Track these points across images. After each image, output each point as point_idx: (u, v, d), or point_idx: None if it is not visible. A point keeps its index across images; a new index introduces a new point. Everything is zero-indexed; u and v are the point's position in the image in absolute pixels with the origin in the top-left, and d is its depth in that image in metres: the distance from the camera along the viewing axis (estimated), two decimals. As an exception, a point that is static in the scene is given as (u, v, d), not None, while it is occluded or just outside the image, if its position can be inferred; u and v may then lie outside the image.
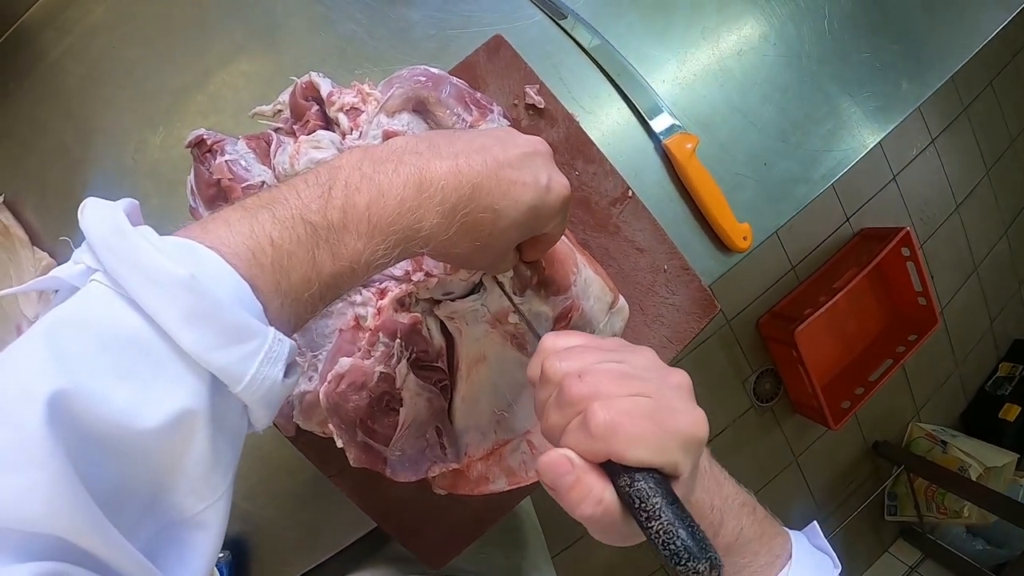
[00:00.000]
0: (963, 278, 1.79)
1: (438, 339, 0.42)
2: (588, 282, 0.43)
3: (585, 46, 0.52)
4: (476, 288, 0.42)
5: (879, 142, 0.57)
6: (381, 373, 0.40)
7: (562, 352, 0.29)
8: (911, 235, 1.49)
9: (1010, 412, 1.63)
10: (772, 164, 0.55)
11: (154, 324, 0.22)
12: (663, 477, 0.24)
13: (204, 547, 0.25)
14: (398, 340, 0.40)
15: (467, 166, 0.29)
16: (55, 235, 0.53)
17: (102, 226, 0.23)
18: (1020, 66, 1.84)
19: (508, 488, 0.45)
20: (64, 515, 0.19)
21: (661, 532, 0.22)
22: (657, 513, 0.23)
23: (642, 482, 0.23)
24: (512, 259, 0.37)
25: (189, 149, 0.45)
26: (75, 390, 0.20)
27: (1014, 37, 1.84)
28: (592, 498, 0.24)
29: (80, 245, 0.24)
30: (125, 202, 0.25)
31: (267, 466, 0.53)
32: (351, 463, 0.42)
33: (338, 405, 0.41)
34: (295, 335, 0.30)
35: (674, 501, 0.23)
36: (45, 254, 0.52)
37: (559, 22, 0.53)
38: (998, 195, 1.82)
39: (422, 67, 0.46)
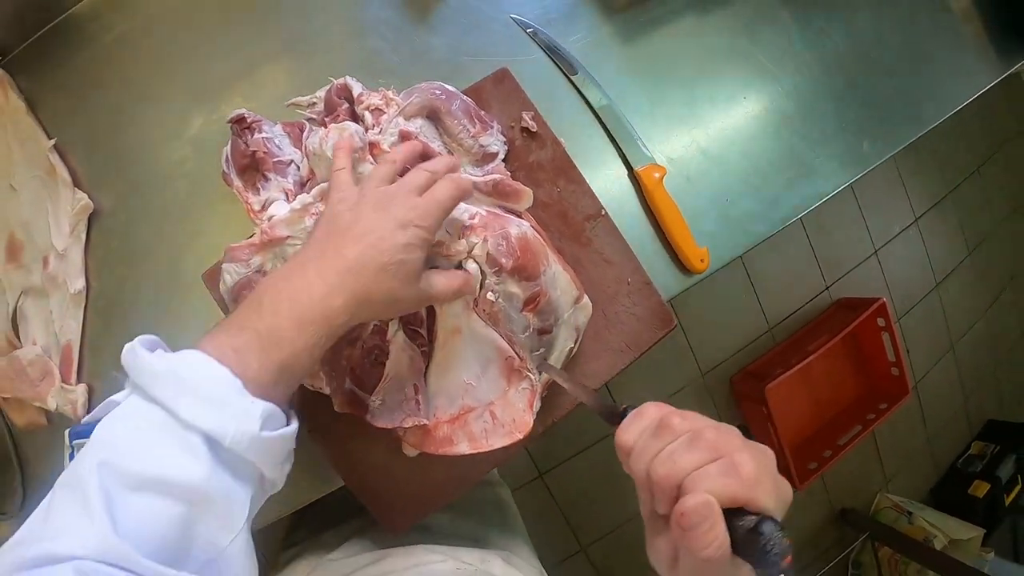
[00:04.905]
0: (939, 355, 1.83)
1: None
2: (556, 275, 0.50)
3: (578, 86, 0.61)
4: (458, 268, 0.48)
5: (837, 192, 0.62)
6: (375, 325, 0.46)
7: (677, 411, 0.33)
8: (886, 306, 1.55)
9: (979, 488, 1.64)
10: (734, 202, 0.61)
11: (166, 409, 0.31)
12: None
13: None
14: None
15: (348, 255, 0.38)
16: (96, 181, 0.58)
17: (127, 356, 0.34)
18: (1008, 154, 1.92)
19: (470, 452, 0.50)
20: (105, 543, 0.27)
21: (781, 557, 0.27)
22: (782, 547, 0.27)
23: (769, 524, 0.28)
24: (452, 279, 0.44)
25: (230, 124, 0.52)
26: (117, 458, 0.30)
27: (1001, 127, 1.92)
28: (719, 542, 0.28)
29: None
30: (143, 338, 0.35)
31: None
32: (336, 408, 0.48)
33: (333, 357, 0.47)
34: None
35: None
36: (84, 195, 0.56)
37: (561, 67, 0.61)
38: (977, 279, 1.88)
39: (438, 83, 0.55)
